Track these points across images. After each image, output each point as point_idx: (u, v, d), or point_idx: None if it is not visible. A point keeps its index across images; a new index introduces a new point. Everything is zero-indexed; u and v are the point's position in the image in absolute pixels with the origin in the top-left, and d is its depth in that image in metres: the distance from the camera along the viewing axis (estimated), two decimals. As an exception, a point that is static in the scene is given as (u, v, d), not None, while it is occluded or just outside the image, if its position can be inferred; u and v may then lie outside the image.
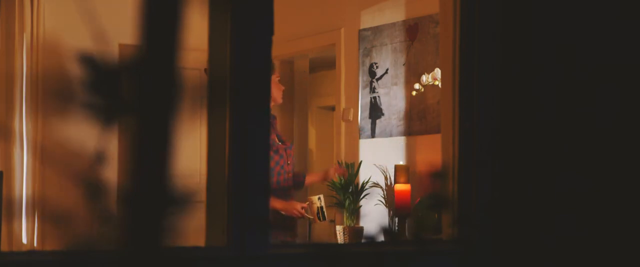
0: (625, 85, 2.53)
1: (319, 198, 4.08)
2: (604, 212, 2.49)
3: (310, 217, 3.97)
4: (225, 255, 2.09)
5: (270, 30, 2.15)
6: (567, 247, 2.50)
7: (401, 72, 4.69)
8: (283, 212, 3.91)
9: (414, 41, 4.63)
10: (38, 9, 4.84)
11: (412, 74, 4.61)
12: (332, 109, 5.99)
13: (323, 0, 5.29)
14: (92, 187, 0.96)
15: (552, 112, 2.53)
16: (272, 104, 4.00)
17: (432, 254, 2.41)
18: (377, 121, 4.80)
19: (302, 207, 3.93)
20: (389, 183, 4.61)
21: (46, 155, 4.87)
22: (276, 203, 3.87)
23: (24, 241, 4.72)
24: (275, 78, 4.03)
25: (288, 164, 3.97)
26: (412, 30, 4.65)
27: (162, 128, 0.88)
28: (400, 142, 4.68)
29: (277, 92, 4.02)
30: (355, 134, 4.98)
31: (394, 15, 4.75)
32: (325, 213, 3.93)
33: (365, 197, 4.59)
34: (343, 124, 5.11)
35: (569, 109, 2.52)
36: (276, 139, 3.99)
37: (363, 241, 4.61)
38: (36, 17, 4.84)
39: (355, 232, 4.65)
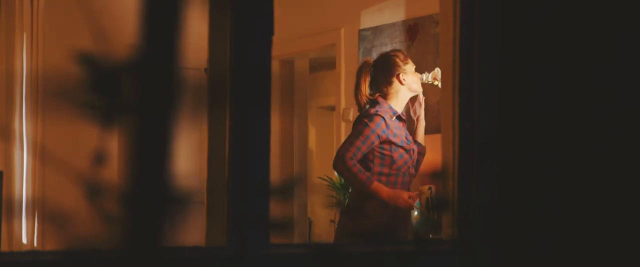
0: (627, 85, 2.53)
1: (430, 188, 3.85)
2: (606, 213, 2.49)
3: (418, 208, 3.78)
4: (225, 255, 2.09)
5: (270, 30, 2.15)
6: (568, 248, 2.50)
7: (401, 72, 4.69)
8: (388, 201, 3.68)
9: (414, 41, 4.63)
10: (38, 9, 4.84)
11: (412, 74, 4.61)
12: (332, 109, 5.99)
13: (323, 0, 5.29)
14: (92, 188, 0.96)
15: (552, 112, 2.53)
16: (411, 95, 3.88)
17: (432, 254, 2.41)
18: (377, 121, 4.79)
19: (410, 197, 3.72)
20: (389, 183, 4.60)
21: (46, 155, 4.87)
22: (382, 190, 3.68)
23: (24, 241, 4.72)
24: (411, 66, 3.87)
25: (412, 166, 3.83)
26: (412, 30, 4.65)
27: (162, 128, 0.88)
28: (400, 142, 4.68)
29: (416, 82, 3.87)
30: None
31: (394, 15, 4.75)
32: (434, 206, 3.66)
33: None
34: (343, 124, 5.11)
35: (570, 109, 2.52)
36: (405, 138, 3.84)
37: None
38: (36, 17, 4.84)
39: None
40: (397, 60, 3.89)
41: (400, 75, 3.85)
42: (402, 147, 3.75)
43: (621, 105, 2.52)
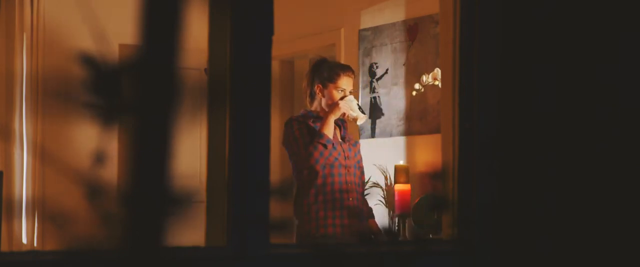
0: (627, 85, 2.53)
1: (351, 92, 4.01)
2: (606, 213, 2.49)
3: (353, 113, 3.89)
4: (225, 255, 2.09)
5: (270, 30, 2.15)
6: (568, 248, 2.50)
7: (401, 72, 4.69)
8: (336, 114, 3.81)
9: (414, 41, 4.63)
10: (38, 9, 4.84)
11: (412, 74, 4.61)
12: (332, 109, 5.97)
13: (323, 0, 5.29)
14: (92, 188, 0.96)
15: (552, 112, 2.53)
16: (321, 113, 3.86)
17: (432, 254, 2.41)
18: (377, 121, 4.80)
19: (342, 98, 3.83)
20: (389, 183, 4.61)
21: (46, 155, 4.87)
22: (328, 119, 3.79)
23: (24, 241, 4.72)
24: (332, 88, 3.87)
25: (348, 158, 3.88)
26: (412, 30, 4.65)
27: (162, 128, 0.88)
28: (400, 142, 4.68)
29: (326, 101, 3.87)
30: (355, 134, 4.98)
31: (394, 15, 4.75)
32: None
33: (366, 197, 4.60)
34: (343, 124, 5.10)
35: (570, 109, 2.52)
36: (339, 137, 3.90)
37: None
38: (36, 17, 4.84)
39: (356, 232, 4.64)
40: (330, 73, 3.86)
41: (318, 91, 3.87)
42: (320, 143, 3.77)
43: (621, 105, 2.52)
